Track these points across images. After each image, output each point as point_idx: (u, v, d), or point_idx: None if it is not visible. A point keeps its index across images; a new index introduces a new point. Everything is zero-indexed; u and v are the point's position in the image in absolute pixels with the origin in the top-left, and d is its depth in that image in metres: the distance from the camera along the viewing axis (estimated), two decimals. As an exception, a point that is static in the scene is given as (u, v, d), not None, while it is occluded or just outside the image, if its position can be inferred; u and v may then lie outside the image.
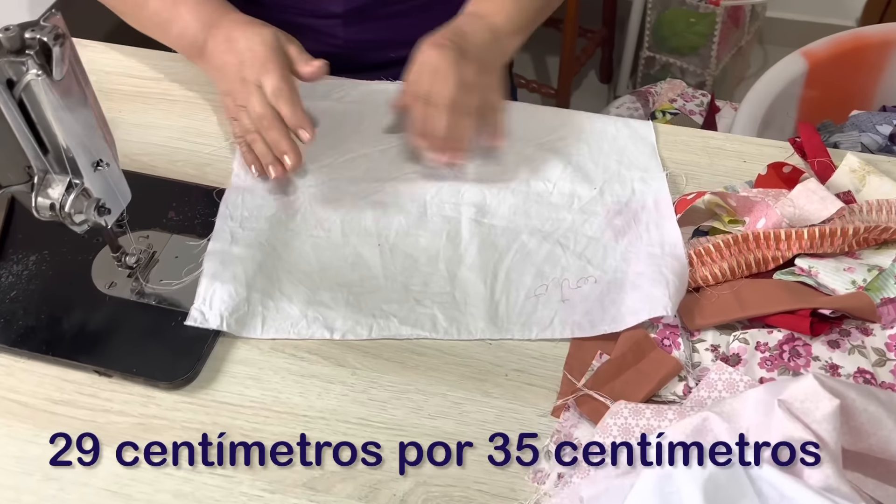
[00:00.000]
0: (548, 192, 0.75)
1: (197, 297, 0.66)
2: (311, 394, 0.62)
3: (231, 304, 0.65)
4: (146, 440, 0.59)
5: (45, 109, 0.53)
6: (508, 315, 0.66)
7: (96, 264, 0.69)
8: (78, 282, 0.68)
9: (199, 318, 0.65)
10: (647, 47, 2.03)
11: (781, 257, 0.67)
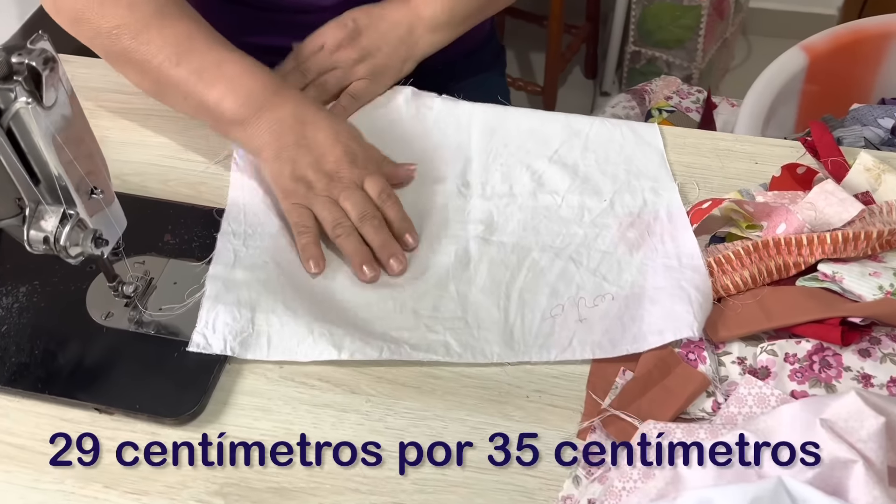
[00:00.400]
0: (556, 206, 0.73)
1: (199, 321, 0.63)
2: (325, 424, 0.59)
3: (235, 326, 0.62)
4: (154, 482, 0.56)
5: (36, 138, 0.50)
6: (525, 338, 0.63)
7: (91, 294, 0.66)
8: (72, 313, 0.65)
9: (201, 343, 0.62)
10: (632, 42, 2.02)
11: (804, 263, 0.65)
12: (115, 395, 0.60)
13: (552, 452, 0.58)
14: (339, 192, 0.68)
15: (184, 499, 0.55)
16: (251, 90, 0.70)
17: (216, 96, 0.70)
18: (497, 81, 1.05)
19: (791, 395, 0.58)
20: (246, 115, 0.70)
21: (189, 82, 0.70)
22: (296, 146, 0.69)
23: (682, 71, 2.01)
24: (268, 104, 0.70)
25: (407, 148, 0.77)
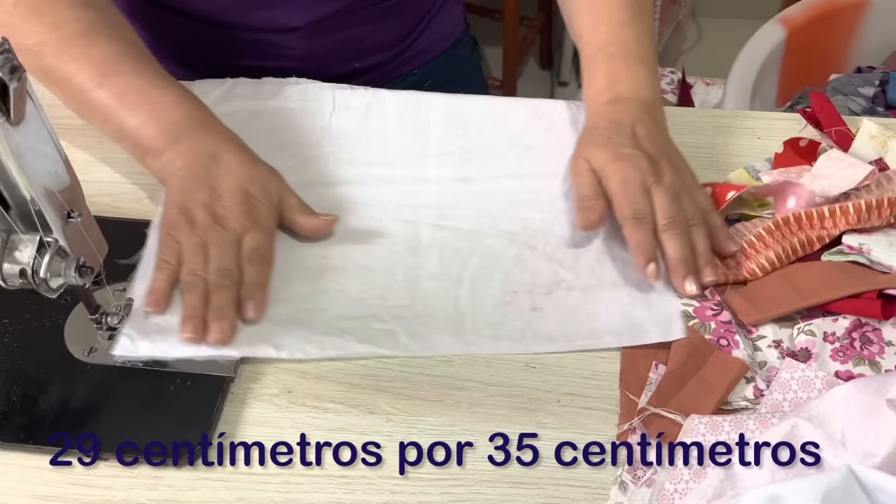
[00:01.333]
0: (515, 190, 0.69)
1: (126, 321, 0.58)
2: (345, 450, 0.54)
3: (163, 327, 0.58)
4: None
5: (4, 158, 0.44)
6: (476, 327, 0.60)
7: (69, 329, 0.60)
8: (51, 352, 0.58)
9: (128, 346, 0.57)
10: (587, 30, 2.00)
11: (827, 236, 0.62)
12: (108, 439, 0.54)
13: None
14: (213, 238, 0.60)
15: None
16: (174, 120, 0.65)
17: (136, 123, 0.65)
18: (475, 76, 1.01)
19: (835, 375, 0.56)
20: (162, 145, 0.64)
21: (110, 106, 0.65)
22: (198, 181, 0.63)
23: (639, 56, 2.00)
24: (187, 136, 0.65)
25: (361, 133, 0.74)
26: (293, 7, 0.79)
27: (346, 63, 0.87)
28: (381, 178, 0.70)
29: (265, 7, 0.78)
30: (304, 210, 0.65)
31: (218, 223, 0.61)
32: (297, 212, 0.65)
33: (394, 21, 0.86)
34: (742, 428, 0.52)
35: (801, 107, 1.04)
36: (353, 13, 0.82)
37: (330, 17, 0.81)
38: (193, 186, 0.63)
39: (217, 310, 0.58)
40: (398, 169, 0.71)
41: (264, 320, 0.59)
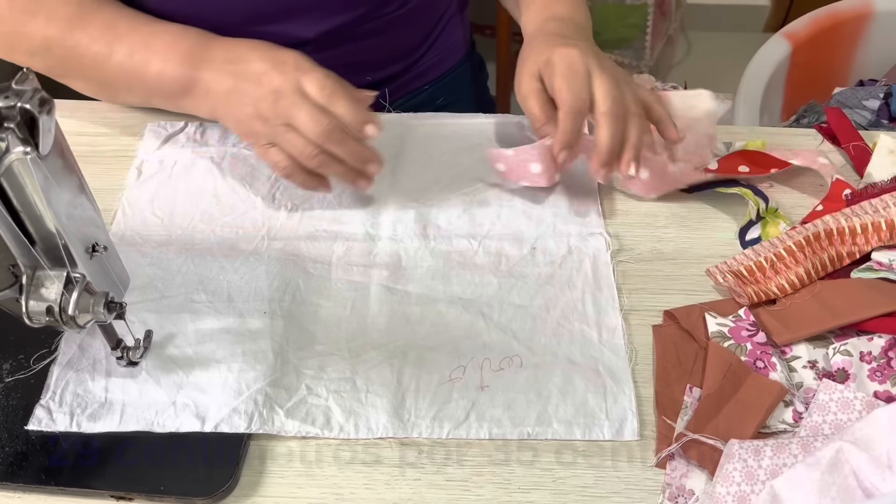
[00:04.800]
0: (472, 252, 0.66)
1: (45, 391, 0.56)
2: (379, 483, 0.53)
3: (86, 397, 0.56)
4: (193, 573, 0.49)
5: (31, 192, 0.42)
6: (416, 407, 0.56)
7: (87, 364, 0.58)
8: (70, 388, 0.56)
9: (44, 420, 0.55)
10: (579, 44, 2.01)
11: (858, 252, 0.62)
12: (133, 479, 0.52)
13: (633, 487, 0.53)
14: (289, 112, 0.61)
15: (233, 590, 0.48)
16: (183, 54, 0.65)
17: (155, 73, 0.66)
18: (483, 94, 1.00)
19: (874, 395, 0.55)
20: (188, 79, 0.65)
21: (126, 70, 0.66)
22: (235, 88, 0.64)
23: (631, 69, 2.00)
24: (203, 62, 0.65)
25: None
26: (305, 20, 0.78)
27: (358, 76, 0.85)
28: (333, 234, 0.67)
29: (276, 21, 0.77)
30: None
31: (279, 100, 0.61)
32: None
33: (401, 33, 0.86)
34: (785, 452, 0.51)
35: (806, 120, 1.04)
36: (362, 24, 0.81)
37: (339, 29, 0.80)
38: (237, 96, 0.63)
39: (352, 155, 0.63)
40: (351, 225, 0.68)
41: (193, 389, 0.56)
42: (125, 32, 0.66)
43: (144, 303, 0.62)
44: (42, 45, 0.67)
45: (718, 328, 0.59)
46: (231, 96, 0.63)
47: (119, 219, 0.69)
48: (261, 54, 0.64)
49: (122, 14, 0.68)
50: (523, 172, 0.68)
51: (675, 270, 0.65)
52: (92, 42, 0.66)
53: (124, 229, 0.68)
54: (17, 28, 0.67)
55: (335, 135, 0.61)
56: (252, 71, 0.63)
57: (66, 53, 0.67)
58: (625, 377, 0.58)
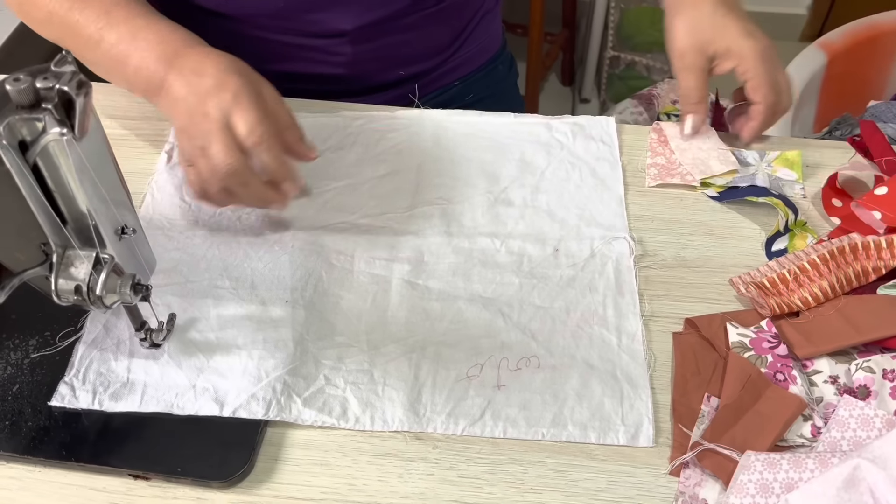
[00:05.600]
0: (494, 250, 0.66)
1: (69, 369, 0.57)
2: (392, 476, 0.53)
3: (109, 376, 0.57)
4: (206, 555, 0.50)
5: (66, 173, 0.43)
6: (433, 402, 0.56)
7: (111, 343, 0.59)
8: (93, 367, 0.57)
9: (67, 396, 0.56)
10: (611, 47, 2.00)
11: (884, 267, 0.61)
12: (151, 459, 0.53)
13: (645, 493, 0.53)
14: (206, 138, 0.59)
15: (244, 574, 0.49)
16: (159, 55, 0.64)
17: (133, 68, 0.64)
18: (512, 93, 1.00)
19: (895, 414, 0.54)
20: (158, 81, 0.63)
21: (111, 59, 0.65)
22: (184, 99, 0.61)
23: (662, 74, 1.99)
24: (173, 67, 0.63)
25: (347, 177, 0.71)
26: (344, 11, 0.78)
27: (391, 71, 0.86)
28: (360, 227, 0.67)
29: (317, 9, 0.77)
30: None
31: (206, 122, 0.59)
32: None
33: (437, 29, 0.86)
34: (801, 467, 0.51)
35: (839, 132, 1.03)
36: (400, 19, 0.81)
37: (378, 22, 0.81)
38: (185, 111, 0.61)
39: (253, 197, 0.61)
40: (376, 218, 0.68)
41: (213, 373, 0.57)
42: (118, 21, 0.66)
43: (169, 286, 0.62)
44: (46, 17, 0.67)
45: (739, 338, 0.59)
46: (178, 105, 0.61)
47: (147, 202, 0.70)
48: (215, 71, 0.61)
49: (121, 1, 0.67)
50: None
51: (699, 278, 0.65)
52: (88, 24, 0.66)
53: (152, 213, 0.69)
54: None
55: (238, 177, 0.59)
56: (202, 86, 0.60)
57: (64, 31, 0.67)
58: (642, 383, 0.58)
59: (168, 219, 0.68)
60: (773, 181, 0.71)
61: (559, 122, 0.77)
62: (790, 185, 0.71)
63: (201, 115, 0.59)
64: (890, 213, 0.63)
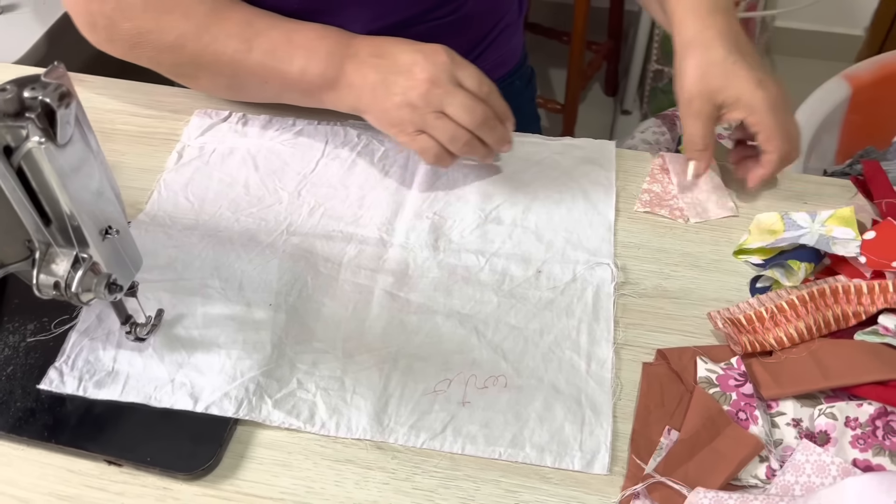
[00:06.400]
0: (478, 268, 0.67)
1: (60, 355, 0.60)
2: (349, 482, 0.55)
3: (95, 365, 0.60)
4: (165, 542, 0.52)
5: (48, 177, 0.46)
6: (398, 413, 0.58)
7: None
8: (82, 355, 0.61)
9: (55, 381, 0.59)
10: (655, 60, 1.98)
11: (864, 312, 0.60)
12: (125, 447, 0.56)
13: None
14: (443, 100, 0.66)
15: (197, 564, 0.52)
16: (328, 50, 0.69)
17: (298, 69, 0.69)
18: (528, 109, 1.01)
19: (853, 463, 0.54)
20: (333, 74, 0.69)
21: (266, 65, 0.70)
22: (383, 81, 0.67)
23: (706, 91, 1.97)
24: (347, 57, 0.69)
25: (341, 186, 0.74)
26: (355, 16, 0.80)
27: None
28: (351, 236, 0.69)
29: (328, 13, 0.79)
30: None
31: (433, 89, 0.65)
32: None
33: (451, 40, 0.87)
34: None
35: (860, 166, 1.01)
36: (412, 27, 0.83)
37: (389, 28, 0.82)
38: (385, 87, 0.67)
39: (499, 140, 0.69)
40: (367, 229, 0.70)
41: (192, 370, 0.59)
42: (264, 29, 0.70)
43: (162, 282, 0.65)
44: (176, 41, 0.70)
45: (707, 374, 0.59)
46: (378, 88, 0.67)
47: (154, 199, 0.73)
48: (408, 48, 0.68)
49: (256, 12, 0.71)
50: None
51: (677, 310, 0.65)
52: (229, 38, 0.69)
53: (157, 210, 0.72)
54: (151, 24, 0.69)
55: (489, 122, 0.67)
56: (401, 63, 0.67)
57: (199, 50, 0.70)
58: (605, 410, 0.58)
59: (171, 216, 0.71)
60: (825, 240, 0.65)
61: (559, 143, 0.78)
62: (844, 243, 0.64)
63: (426, 84, 0.65)
64: (875, 258, 0.62)
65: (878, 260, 0.62)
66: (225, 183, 0.74)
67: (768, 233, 0.68)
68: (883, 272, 0.62)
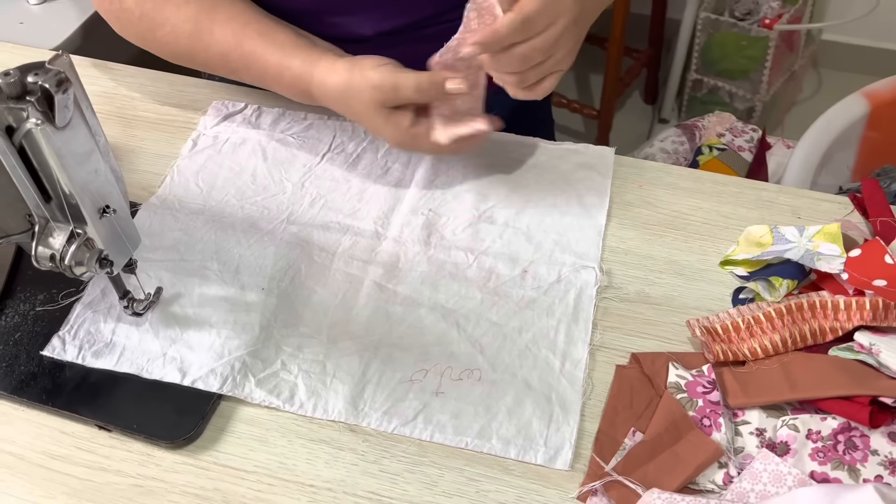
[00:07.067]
0: (466, 265, 0.69)
1: (65, 324, 0.64)
2: (319, 461, 0.58)
3: (95, 336, 0.64)
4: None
5: (48, 157, 0.50)
6: (373, 399, 0.60)
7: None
8: (84, 326, 0.65)
9: (57, 348, 0.63)
10: (694, 69, 1.97)
11: (840, 328, 0.61)
12: (115, 413, 0.60)
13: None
14: (383, 133, 0.69)
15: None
16: (300, 91, 0.73)
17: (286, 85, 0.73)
18: (542, 113, 1.02)
19: (810, 475, 0.55)
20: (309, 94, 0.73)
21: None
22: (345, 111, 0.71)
23: (744, 102, 1.95)
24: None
25: (344, 180, 0.76)
26: (365, 17, 0.83)
27: None
28: (345, 227, 0.72)
29: (339, 13, 0.82)
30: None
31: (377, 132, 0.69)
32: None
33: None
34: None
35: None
36: (422, 29, 0.85)
37: (399, 30, 0.84)
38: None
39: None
40: (364, 221, 0.73)
41: (183, 346, 0.63)
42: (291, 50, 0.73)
43: (164, 262, 0.69)
44: (219, 56, 0.74)
45: (677, 379, 0.60)
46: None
47: (167, 183, 0.77)
48: (345, 105, 0.71)
49: (248, 33, 0.74)
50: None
51: (657, 316, 0.66)
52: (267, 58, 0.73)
53: (168, 194, 0.76)
54: (202, 37, 0.74)
55: (416, 143, 0.69)
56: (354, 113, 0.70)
57: (193, 52, 0.75)
58: (574, 409, 0.60)
59: (180, 200, 0.75)
60: (810, 256, 0.65)
61: (560, 147, 0.80)
62: (829, 259, 0.64)
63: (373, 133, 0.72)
64: (857, 276, 0.63)
65: (859, 277, 0.63)
66: (234, 172, 0.78)
67: (756, 245, 0.69)
68: (863, 291, 0.62)
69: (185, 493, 0.56)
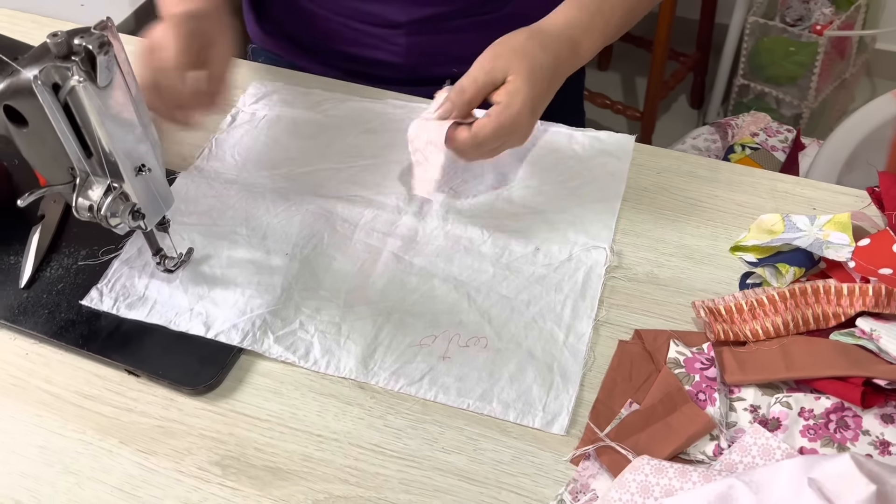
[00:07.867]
0: (481, 241, 0.72)
1: (103, 278, 0.69)
2: (329, 413, 0.61)
3: (130, 290, 0.68)
4: (164, 444, 0.60)
5: (90, 114, 0.54)
6: (383, 360, 0.64)
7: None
8: (120, 280, 0.70)
9: (95, 299, 0.68)
10: (741, 74, 1.96)
11: (843, 314, 0.62)
12: (143, 360, 0.64)
13: (542, 474, 0.57)
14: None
15: (186, 464, 0.59)
16: None
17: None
18: (572, 104, 1.03)
19: (799, 451, 0.56)
20: None
21: None
22: None
23: (791, 109, 1.93)
24: None
25: (372, 157, 0.80)
26: (399, 4, 0.86)
27: (445, 66, 0.93)
28: (368, 201, 0.76)
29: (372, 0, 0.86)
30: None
31: None
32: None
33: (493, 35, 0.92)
34: (685, 478, 0.54)
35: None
36: (454, 19, 0.88)
37: (432, 18, 0.88)
38: None
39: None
40: (388, 197, 0.76)
41: (209, 303, 0.67)
42: None
43: (197, 226, 0.74)
44: None
45: (676, 355, 0.62)
46: None
47: (205, 154, 0.81)
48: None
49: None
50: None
51: (664, 297, 0.68)
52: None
53: (206, 164, 0.80)
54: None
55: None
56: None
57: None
58: (574, 379, 0.62)
59: (216, 171, 0.79)
60: (819, 244, 0.65)
61: (581, 133, 0.82)
62: (837, 248, 0.65)
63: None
64: (864, 264, 0.63)
65: (866, 266, 0.63)
66: (268, 146, 0.82)
67: (767, 232, 0.70)
68: (869, 279, 0.63)
69: (203, 436, 0.60)
